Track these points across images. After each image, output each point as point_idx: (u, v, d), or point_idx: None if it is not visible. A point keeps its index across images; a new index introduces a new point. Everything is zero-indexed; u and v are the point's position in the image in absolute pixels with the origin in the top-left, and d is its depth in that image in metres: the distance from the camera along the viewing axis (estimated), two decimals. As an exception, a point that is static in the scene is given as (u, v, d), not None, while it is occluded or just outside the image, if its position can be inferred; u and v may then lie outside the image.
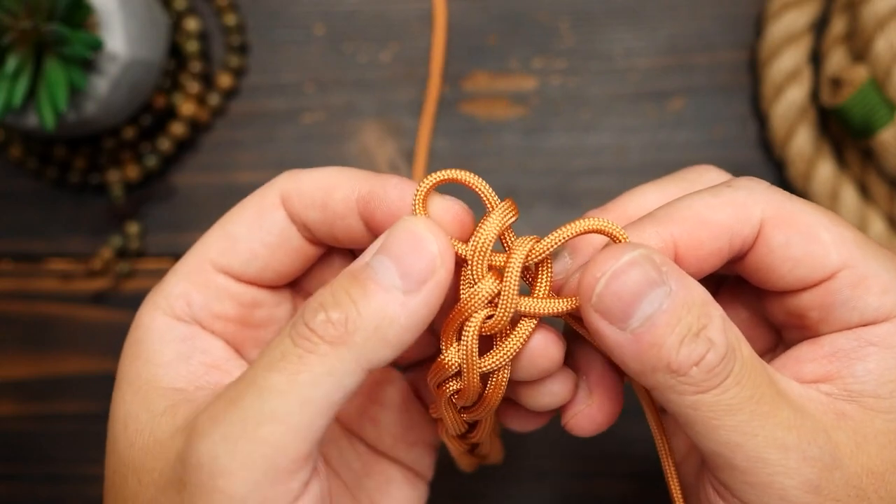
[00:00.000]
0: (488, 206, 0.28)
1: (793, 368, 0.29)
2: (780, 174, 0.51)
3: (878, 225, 0.48)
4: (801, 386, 0.28)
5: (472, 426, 0.31)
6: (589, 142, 0.52)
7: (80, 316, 0.53)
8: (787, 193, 0.29)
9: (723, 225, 0.28)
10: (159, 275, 0.32)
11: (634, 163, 0.52)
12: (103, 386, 0.53)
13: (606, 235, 0.27)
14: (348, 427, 0.36)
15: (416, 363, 0.36)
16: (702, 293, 0.27)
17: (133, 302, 0.54)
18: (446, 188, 0.29)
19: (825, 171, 0.49)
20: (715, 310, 0.26)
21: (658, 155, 0.52)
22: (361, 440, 0.36)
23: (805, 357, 0.29)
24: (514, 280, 0.27)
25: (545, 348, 0.28)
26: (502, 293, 0.27)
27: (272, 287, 0.32)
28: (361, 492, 0.35)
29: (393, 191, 0.29)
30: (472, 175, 0.28)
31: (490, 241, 0.27)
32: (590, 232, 0.27)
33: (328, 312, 0.25)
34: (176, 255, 0.53)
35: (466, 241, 0.28)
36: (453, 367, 0.28)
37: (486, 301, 0.27)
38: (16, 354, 0.53)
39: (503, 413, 0.33)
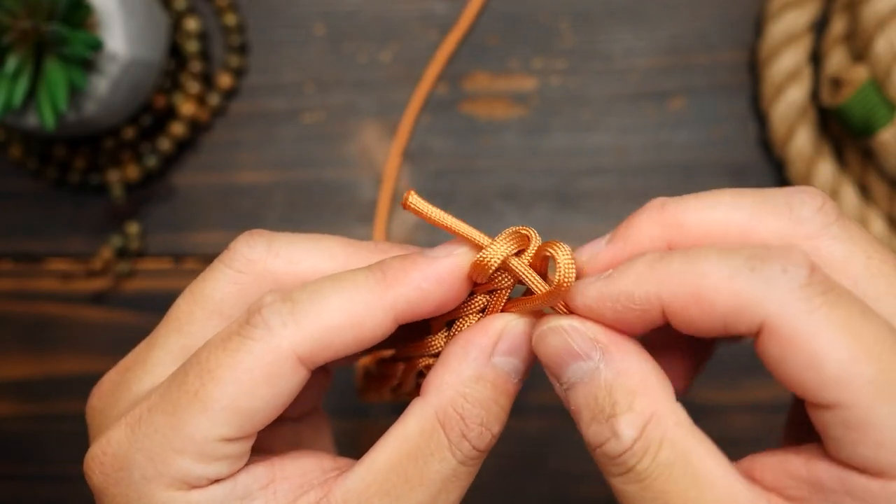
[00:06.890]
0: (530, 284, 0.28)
1: (780, 470, 0.26)
2: (780, 174, 0.51)
3: (878, 225, 0.48)
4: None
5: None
6: (589, 142, 0.52)
7: (79, 316, 0.53)
8: (814, 294, 0.24)
9: (717, 311, 0.24)
10: (159, 275, 0.32)
11: (634, 163, 0.52)
12: (103, 386, 0.53)
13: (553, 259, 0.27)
14: None
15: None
16: (637, 381, 0.26)
17: (133, 302, 0.54)
18: (434, 196, 0.29)
19: (825, 171, 0.49)
20: (642, 401, 0.25)
21: (658, 155, 0.52)
22: None
23: (792, 469, 0.26)
24: (502, 303, 0.30)
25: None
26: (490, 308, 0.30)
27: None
28: None
29: (426, 282, 0.28)
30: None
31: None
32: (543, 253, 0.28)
33: (489, 427, 0.28)
34: (176, 255, 0.53)
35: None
36: (438, 347, 0.31)
37: (478, 310, 0.31)
38: (16, 354, 0.53)
39: None
